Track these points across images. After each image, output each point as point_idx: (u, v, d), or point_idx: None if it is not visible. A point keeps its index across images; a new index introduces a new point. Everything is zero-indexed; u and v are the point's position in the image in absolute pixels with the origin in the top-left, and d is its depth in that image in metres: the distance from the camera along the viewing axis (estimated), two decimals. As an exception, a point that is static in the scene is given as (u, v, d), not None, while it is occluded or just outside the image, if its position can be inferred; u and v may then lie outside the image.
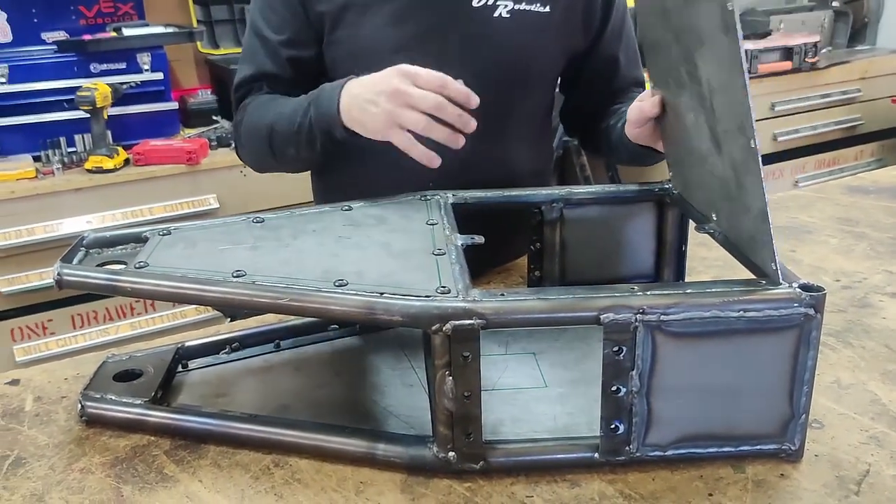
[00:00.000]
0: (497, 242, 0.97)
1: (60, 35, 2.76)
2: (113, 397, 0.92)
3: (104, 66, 2.56)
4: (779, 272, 0.79)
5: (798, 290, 0.77)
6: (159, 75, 2.62)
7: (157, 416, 0.90)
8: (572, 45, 1.29)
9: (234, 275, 0.83)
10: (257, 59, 1.26)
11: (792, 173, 3.72)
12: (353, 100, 1.06)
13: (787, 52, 3.58)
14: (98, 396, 0.92)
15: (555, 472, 0.81)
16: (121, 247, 0.96)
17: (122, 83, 2.46)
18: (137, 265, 0.87)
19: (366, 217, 1.01)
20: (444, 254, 0.88)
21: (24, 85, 2.46)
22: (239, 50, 2.97)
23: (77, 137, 2.46)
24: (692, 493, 0.79)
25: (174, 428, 0.89)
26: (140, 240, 0.96)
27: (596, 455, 0.81)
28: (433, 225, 0.97)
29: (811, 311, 0.77)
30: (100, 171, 2.31)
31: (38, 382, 1.02)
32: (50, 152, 2.38)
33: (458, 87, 1.00)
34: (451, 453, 0.80)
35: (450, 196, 1.07)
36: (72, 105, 2.47)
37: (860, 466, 0.82)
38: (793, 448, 0.82)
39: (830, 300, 1.14)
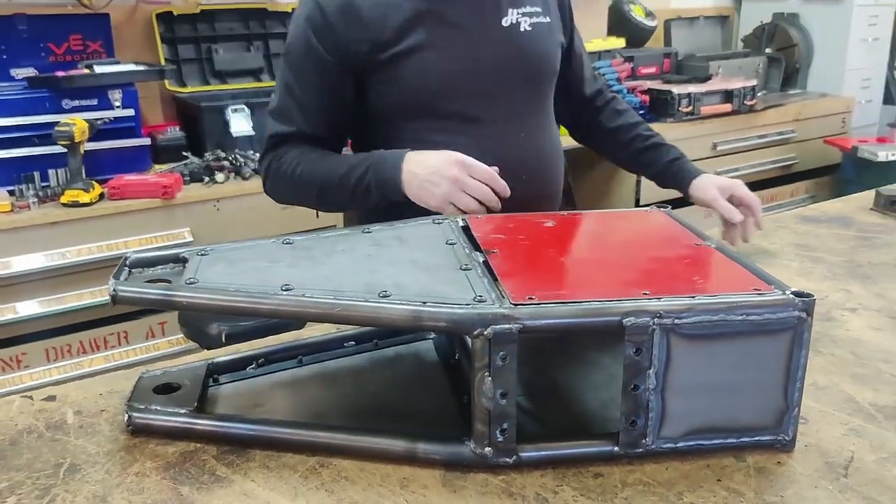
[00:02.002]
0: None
1: (30, 72, 2.79)
2: (158, 408, 0.97)
3: (76, 103, 2.60)
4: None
5: (791, 296, 0.88)
6: (130, 111, 2.67)
7: (204, 423, 0.96)
8: (561, 43, 1.55)
9: (283, 289, 0.90)
10: (290, 118, 1.41)
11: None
12: (413, 178, 1.29)
13: (728, 95, 3.81)
14: (143, 407, 0.97)
15: (579, 465, 0.90)
16: (161, 266, 1.02)
17: (96, 119, 2.50)
18: (188, 281, 0.93)
19: (387, 238, 1.09)
20: (470, 269, 0.96)
21: (-4, 120, 2.48)
22: (205, 88, 3.07)
23: (51, 172, 2.49)
24: (703, 479, 0.88)
25: (220, 435, 0.95)
26: (179, 260, 1.02)
27: (616, 448, 0.90)
28: (452, 244, 1.06)
29: (803, 315, 0.88)
30: (76, 204, 2.34)
31: (74, 398, 1.06)
32: (24, 186, 2.41)
33: (502, 183, 1.27)
34: (488, 448, 0.88)
35: (459, 220, 1.16)
36: (43, 140, 2.50)
37: (845, 454, 0.93)
38: (787, 438, 0.92)
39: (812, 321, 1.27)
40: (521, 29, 1.44)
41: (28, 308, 2.30)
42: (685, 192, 1.58)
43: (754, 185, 3.96)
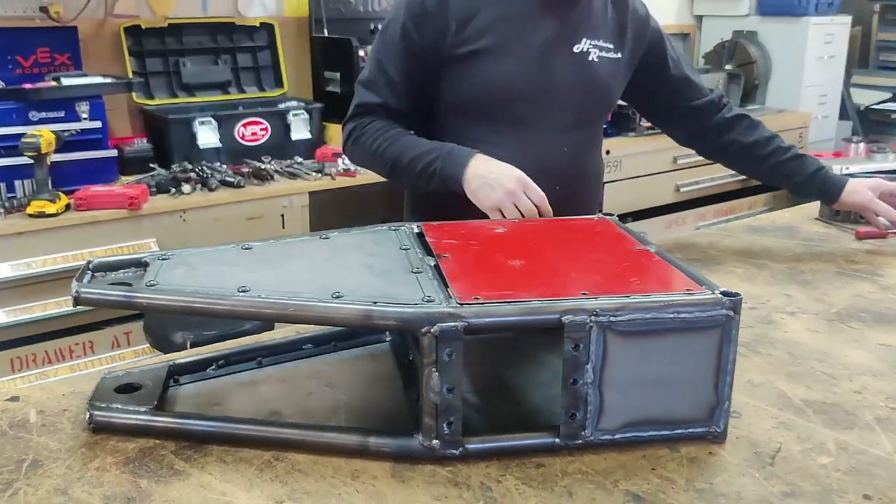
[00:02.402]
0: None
1: (-4, 84, 2.80)
2: (119, 406, 1.01)
3: (43, 114, 2.62)
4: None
5: (720, 295, 0.94)
6: (97, 124, 2.70)
7: (163, 421, 0.99)
8: (626, 78, 1.67)
9: (240, 290, 0.94)
10: (379, 90, 1.57)
11: (693, 221, 4.02)
12: (476, 177, 1.44)
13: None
14: (104, 406, 1.01)
15: (522, 456, 0.95)
16: (123, 270, 1.05)
17: (63, 131, 2.52)
18: (148, 283, 0.97)
19: (344, 244, 1.14)
20: (421, 272, 1.01)
21: (-38, 131, 2.49)
22: (173, 100, 3.10)
23: (17, 183, 2.51)
24: (638, 468, 0.93)
25: (179, 431, 0.98)
26: (140, 264, 1.06)
27: (557, 440, 0.95)
28: (406, 250, 1.10)
29: (731, 313, 0.93)
30: (42, 215, 2.36)
31: (37, 398, 1.09)
32: (-10, 197, 2.42)
33: (548, 208, 1.41)
34: (435, 441, 0.92)
35: (415, 227, 1.21)
36: (10, 151, 2.52)
37: (773, 445, 0.99)
38: (718, 430, 0.98)
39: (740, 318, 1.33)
40: (590, 58, 1.57)
41: (-7, 318, 2.31)
42: (836, 199, 1.73)
43: (713, 198, 4.11)
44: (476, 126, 1.55)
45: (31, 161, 2.40)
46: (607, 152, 3.51)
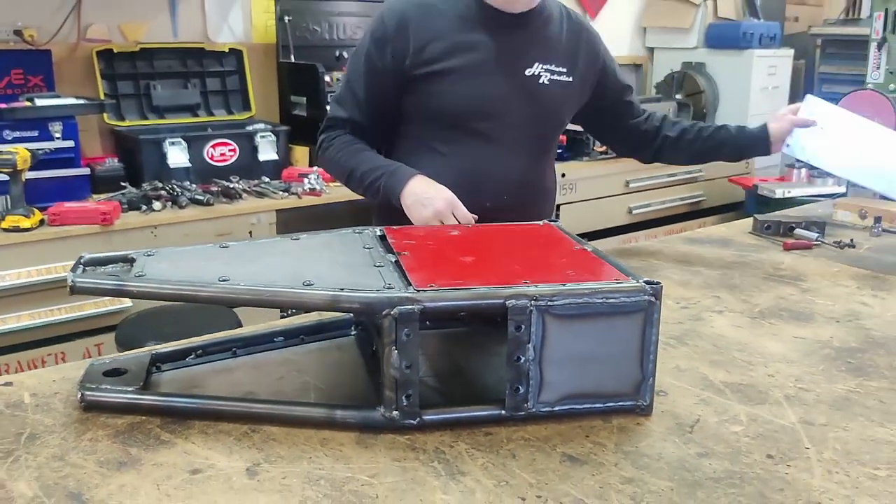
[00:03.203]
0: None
1: (-31, 104, 2.87)
2: (108, 386, 1.11)
3: (17, 134, 2.71)
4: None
5: (643, 283, 1.08)
6: (70, 143, 2.79)
7: (149, 399, 1.10)
8: (580, 104, 1.83)
9: (220, 279, 1.06)
10: (348, 107, 1.73)
11: (645, 241, 4.18)
12: (411, 194, 1.59)
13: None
14: (94, 386, 1.11)
15: (473, 427, 1.07)
16: (111, 265, 1.16)
17: (37, 149, 2.61)
18: (137, 275, 1.08)
19: (313, 244, 1.26)
20: (383, 266, 1.14)
21: (-64, 149, 2.56)
22: (143, 122, 3.22)
23: (-9, 199, 2.58)
24: (574, 435, 1.06)
25: (163, 408, 1.09)
26: (127, 260, 1.16)
27: (503, 412, 1.07)
28: (369, 249, 1.23)
29: (653, 299, 1.07)
30: (17, 230, 2.44)
31: (29, 384, 1.19)
32: (-35, 212, 2.49)
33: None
34: (395, 412, 1.04)
35: (377, 231, 1.33)
36: (-16, 169, 2.60)
37: (693, 417, 1.12)
38: (644, 404, 1.11)
39: (673, 316, 1.48)
40: (541, 81, 1.71)
41: (-34, 329, 2.38)
42: (767, 138, 1.90)
43: (665, 220, 4.30)
44: (433, 139, 1.70)
45: (7, 177, 2.48)
46: (563, 175, 3.68)
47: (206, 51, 3.40)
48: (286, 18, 3.41)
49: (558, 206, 3.78)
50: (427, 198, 1.57)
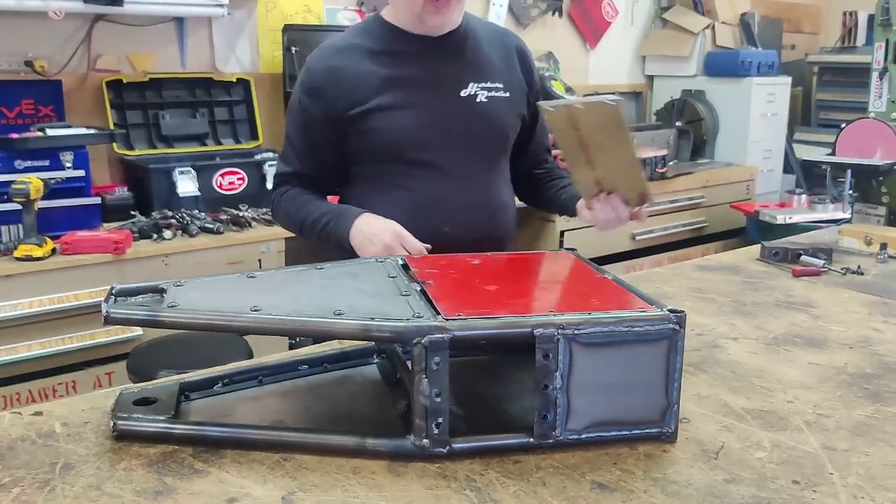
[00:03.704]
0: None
1: (-20, 134, 2.90)
2: (139, 416, 1.13)
3: (28, 163, 2.73)
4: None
5: (667, 312, 1.10)
6: (81, 172, 2.81)
7: (181, 428, 1.11)
8: (520, 116, 1.82)
9: (252, 309, 1.08)
10: (290, 161, 1.78)
11: (649, 267, 4.20)
12: (359, 233, 1.62)
13: (642, 163, 4.12)
14: (126, 416, 1.12)
15: (502, 454, 1.08)
16: (142, 296, 1.18)
17: (49, 178, 2.63)
18: (169, 305, 1.10)
19: (338, 273, 1.28)
20: (409, 295, 1.16)
21: (-51, 179, 2.59)
22: (152, 151, 3.25)
23: (3, 228, 2.60)
24: (602, 463, 1.08)
25: (196, 437, 1.10)
26: (157, 290, 1.18)
27: (531, 439, 1.09)
28: (394, 278, 1.25)
29: (677, 327, 1.09)
30: (29, 258, 2.45)
31: (59, 413, 1.20)
32: (-23, 241, 2.51)
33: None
34: (426, 440, 1.06)
35: (399, 260, 1.35)
36: (-6, 198, 2.62)
37: (717, 443, 1.14)
38: (670, 430, 1.12)
39: (689, 343, 1.50)
40: (478, 100, 1.73)
41: (-22, 358, 2.39)
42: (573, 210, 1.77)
43: (668, 246, 4.33)
44: (381, 175, 1.73)
45: (20, 207, 2.50)
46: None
47: (214, 80, 3.44)
48: (293, 49, 3.45)
49: (562, 233, 3.82)
50: (373, 234, 1.60)
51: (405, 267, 1.32)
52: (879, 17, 3.12)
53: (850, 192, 2.30)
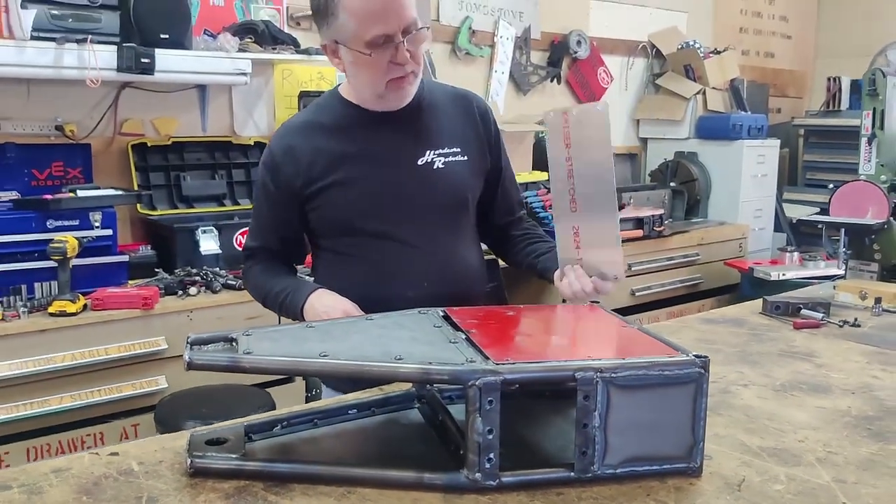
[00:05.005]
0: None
1: (13, 194, 3.03)
2: (213, 454, 1.23)
3: (59, 223, 2.85)
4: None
5: (693, 357, 1.23)
6: (109, 231, 2.93)
7: (252, 465, 1.22)
8: (483, 173, 1.88)
9: (321, 355, 1.20)
10: (256, 235, 1.89)
11: (648, 323, 4.34)
12: (312, 308, 1.71)
13: (639, 222, 4.30)
14: (201, 454, 1.23)
15: (545, 487, 1.19)
16: (213, 344, 1.29)
17: (82, 237, 2.75)
18: (245, 352, 1.21)
19: (388, 323, 1.40)
20: (457, 342, 1.28)
21: (-15, 238, 2.71)
22: (172, 212, 3.37)
23: (36, 285, 2.71)
24: (636, 495, 1.19)
25: (266, 473, 1.21)
26: (228, 339, 1.30)
27: (572, 473, 1.20)
28: (439, 327, 1.37)
29: (702, 371, 1.22)
30: (63, 314, 2.56)
31: (134, 453, 1.31)
32: (13, 298, 2.62)
33: None
34: (478, 474, 1.17)
35: (440, 311, 1.48)
36: (27, 256, 2.74)
37: (738, 477, 1.25)
38: (696, 465, 1.24)
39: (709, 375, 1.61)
40: (435, 167, 1.78)
41: (11, 410, 2.47)
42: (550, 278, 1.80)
43: (665, 302, 4.47)
44: (342, 246, 1.80)
45: (54, 264, 2.61)
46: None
47: (233, 144, 3.60)
48: (308, 114, 3.61)
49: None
50: (323, 309, 1.67)
51: (446, 318, 1.44)
52: (867, 87, 3.34)
53: (845, 249, 2.44)
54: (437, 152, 1.78)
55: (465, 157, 1.81)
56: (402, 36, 1.63)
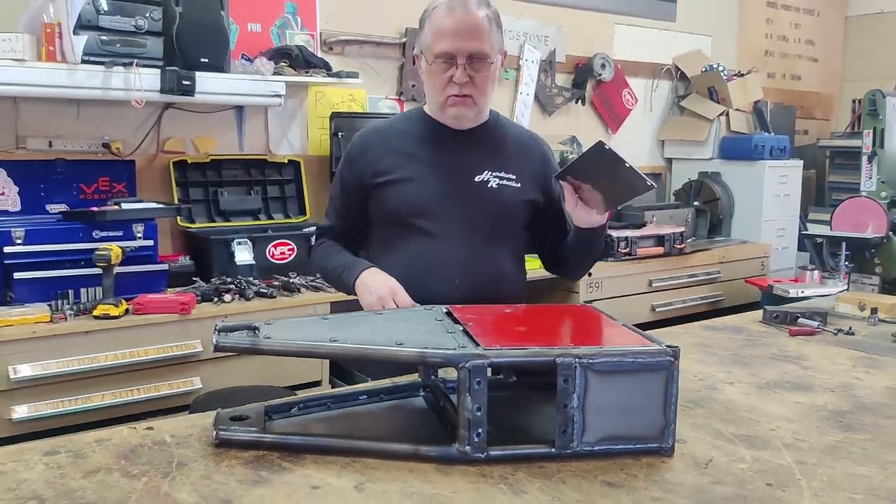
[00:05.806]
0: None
1: (62, 207, 3.25)
2: (236, 428, 1.39)
3: (104, 233, 3.05)
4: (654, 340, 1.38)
5: (665, 347, 1.36)
6: (150, 242, 3.13)
7: (270, 437, 1.37)
8: (533, 201, 2.07)
9: (331, 340, 1.35)
10: (332, 217, 2.16)
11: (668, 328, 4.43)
12: (361, 284, 1.93)
13: (660, 240, 4.41)
14: (225, 428, 1.39)
15: (529, 461, 1.33)
16: (238, 332, 1.46)
17: (125, 247, 2.95)
18: (265, 337, 1.38)
19: (394, 317, 1.56)
20: (454, 332, 1.43)
21: (37, 246, 2.92)
22: (210, 225, 3.57)
23: (82, 290, 2.91)
24: (611, 469, 1.32)
25: (281, 444, 1.36)
26: (251, 328, 1.46)
27: (553, 449, 1.34)
28: (440, 321, 1.52)
29: (673, 359, 1.35)
30: (107, 317, 2.75)
31: (166, 428, 1.47)
32: (61, 301, 2.82)
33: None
34: (468, 447, 1.31)
35: (443, 308, 1.63)
36: (74, 264, 2.94)
37: (707, 457, 1.38)
38: (667, 446, 1.37)
39: (691, 386, 1.75)
40: (489, 185, 2.01)
41: (58, 405, 2.67)
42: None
43: (685, 318, 4.57)
44: (388, 236, 2.05)
45: (100, 271, 2.81)
46: (589, 274, 3.98)
47: (268, 162, 3.80)
48: (339, 134, 3.80)
49: (585, 304, 4.07)
50: (372, 286, 1.88)
51: (448, 314, 1.59)
52: (867, 107, 3.44)
53: (846, 263, 2.53)
54: (494, 174, 2.01)
55: (519, 185, 2.03)
56: (466, 60, 1.89)
